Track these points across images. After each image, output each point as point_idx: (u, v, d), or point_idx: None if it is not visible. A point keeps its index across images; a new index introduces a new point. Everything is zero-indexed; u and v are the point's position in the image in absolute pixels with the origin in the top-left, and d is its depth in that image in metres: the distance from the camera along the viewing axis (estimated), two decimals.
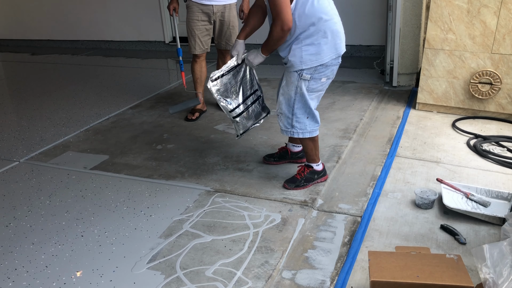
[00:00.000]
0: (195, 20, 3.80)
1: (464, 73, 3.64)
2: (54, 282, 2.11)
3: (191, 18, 3.81)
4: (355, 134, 3.48)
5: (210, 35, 3.89)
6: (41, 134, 3.86)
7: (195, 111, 3.99)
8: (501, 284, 1.54)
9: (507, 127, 3.51)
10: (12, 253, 2.33)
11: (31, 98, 4.89)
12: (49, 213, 2.67)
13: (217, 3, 3.76)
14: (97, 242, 2.39)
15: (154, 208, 2.67)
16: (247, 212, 2.57)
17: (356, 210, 2.54)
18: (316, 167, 2.76)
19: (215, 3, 3.75)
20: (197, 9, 3.77)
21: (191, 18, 3.82)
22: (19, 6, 7.45)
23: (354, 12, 5.44)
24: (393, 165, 3.00)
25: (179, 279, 2.08)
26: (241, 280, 2.05)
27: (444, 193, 2.55)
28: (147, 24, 6.73)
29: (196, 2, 3.74)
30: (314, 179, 2.77)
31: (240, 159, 3.21)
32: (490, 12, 3.45)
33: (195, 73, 4.00)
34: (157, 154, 3.36)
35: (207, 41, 3.90)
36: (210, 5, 3.74)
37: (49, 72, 6.00)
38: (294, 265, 2.14)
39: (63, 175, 3.12)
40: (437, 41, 3.66)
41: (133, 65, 6.12)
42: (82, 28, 7.17)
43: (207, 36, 3.87)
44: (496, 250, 1.65)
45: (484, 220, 2.36)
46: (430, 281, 1.67)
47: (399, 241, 2.26)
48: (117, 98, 4.70)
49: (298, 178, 2.75)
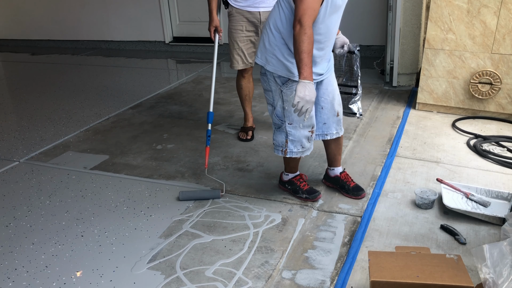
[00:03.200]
0: (238, 30, 3.25)
1: (464, 73, 3.64)
2: (54, 282, 2.11)
3: (234, 28, 3.26)
4: (355, 134, 3.48)
5: (256, 48, 3.25)
6: (41, 134, 3.86)
7: (249, 129, 3.53)
8: (501, 284, 1.54)
9: (507, 127, 3.51)
10: (12, 253, 2.33)
11: (31, 98, 4.89)
12: (49, 213, 2.67)
13: (265, 9, 3.17)
14: (97, 242, 2.39)
15: (154, 208, 2.67)
16: (247, 212, 2.57)
17: (356, 210, 2.54)
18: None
19: (263, 9, 3.17)
20: (241, 17, 3.21)
21: (233, 28, 3.26)
22: (19, 6, 7.44)
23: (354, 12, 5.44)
24: (393, 165, 3.00)
25: (179, 279, 2.08)
26: (241, 280, 2.05)
27: (444, 193, 2.54)
28: (147, 24, 6.73)
29: (239, 9, 3.19)
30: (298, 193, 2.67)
31: (240, 159, 3.21)
32: (490, 12, 3.45)
33: (242, 90, 3.48)
34: (157, 154, 3.36)
35: (252, 55, 3.30)
36: (256, 12, 3.18)
37: (49, 72, 5.99)
38: (294, 265, 2.14)
39: (63, 175, 3.12)
40: (437, 41, 3.66)
41: (133, 65, 6.12)
42: (82, 28, 7.17)
43: (252, 49, 3.30)
44: (496, 250, 1.64)
45: (484, 220, 2.36)
46: (430, 281, 1.67)
47: (399, 241, 2.26)
48: (117, 98, 4.70)
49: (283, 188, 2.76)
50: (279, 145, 2.52)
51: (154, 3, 6.53)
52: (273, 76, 2.39)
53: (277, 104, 2.44)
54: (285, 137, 2.47)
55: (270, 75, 2.40)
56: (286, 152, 2.50)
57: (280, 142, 2.51)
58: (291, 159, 2.63)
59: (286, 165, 2.70)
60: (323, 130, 2.58)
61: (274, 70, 2.36)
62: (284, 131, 2.47)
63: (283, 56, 2.32)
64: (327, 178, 2.79)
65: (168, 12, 6.60)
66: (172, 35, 6.79)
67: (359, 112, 2.73)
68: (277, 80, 2.38)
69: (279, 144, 2.52)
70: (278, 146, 2.53)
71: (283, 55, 2.31)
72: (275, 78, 2.38)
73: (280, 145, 2.52)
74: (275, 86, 2.41)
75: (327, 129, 2.58)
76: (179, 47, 6.73)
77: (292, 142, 2.47)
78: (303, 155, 2.52)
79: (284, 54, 2.31)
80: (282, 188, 2.76)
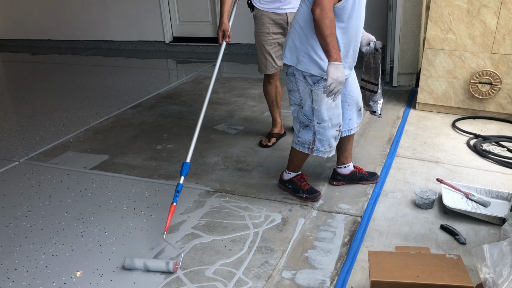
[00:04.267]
0: (265, 33, 3.12)
1: (464, 73, 3.64)
2: (54, 282, 2.11)
3: (261, 31, 3.14)
4: (355, 134, 3.48)
5: None
6: (41, 134, 3.86)
7: (272, 136, 3.41)
8: (501, 284, 1.54)
9: (507, 127, 3.51)
10: (12, 253, 2.33)
11: (31, 98, 4.89)
12: (49, 213, 2.67)
13: (292, 10, 3.04)
14: (97, 242, 2.39)
15: (154, 208, 2.67)
16: (247, 212, 2.57)
17: (356, 210, 2.54)
18: None
19: (290, 10, 3.05)
20: (268, 20, 3.09)
21: (260, 31, 3.14)
22: (19, 6, 7.44)
23: None
24: (393, 165, 3.00)
25: (179, 279, 2.08)
26: (241, 280, 2.05)
27: (444, 193, 2.54)
28: (147, 24, 6.73)
29: (266, 11, 3.08)
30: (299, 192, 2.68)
31: (240, 159, 3.21)
32: (490, 12, 3.45)
33: (269, 96, 3.37)
34: (157, 154, 3.36)
35: (280, 57, 3.12)
36: (283, 14, 3.06)
37: (49, 72, 5.99)
38: (294, 265, 2.14)
39: (63, 175, 3.12)
40: (437, 41, 3.66)
41: (133, 65, 6.12)
42: (82, 28, 7.17)
43: (280, 52, 3.16)
44: (496, 250, 1.65)
45: (484, 220, 2.36)
46: (430, 281, 1.67)
47: (399, 241, 2.26)
48: (117, 98, 4.70)
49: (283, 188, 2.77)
50: (305, 143, 2.53)
51: (154, 3, 6.53)
52: (303, 76, 2.38)
53: (305, 104, 2.44)
54: (313, 135, 2.49)
55: (299, 75, 2.39)
56: (312, 150, 2.52)
57: (307, 140, 2.52)
58: (298, 158, 2.64)
59: (290, 163, 2.70)
60: (349, 125, 2.64)
61: (306, 69, 2.35)
62: (312, 130, 2.48)
63: (316, 54, 2.30)
64: (343, 177, 2.79)
65: (168, 12, 6.60)
66: (172, 35, 6.79)
67: (379, 110, 2.76)
68: (308, 80, 2.37)
69: (306, 142, 2.53)
70: (305, 144, 2.54)
71: (316, 53, 2.30)
72: (306, 77, 2.37)
73: (307, 143, 2.52)
74: (304, 85, 2.40)
75: (352, 124, 2.65)
76: (179, 47, 6.73)
77: (320, 141, 2.48)
78: (330, 155, 2.53)
79: (318, 52, 2.30)
80: (282, 188, 2.76)
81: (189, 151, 2.64)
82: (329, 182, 2.82)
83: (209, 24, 6.53)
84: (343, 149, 2.75)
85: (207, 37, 6.53)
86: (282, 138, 3.44)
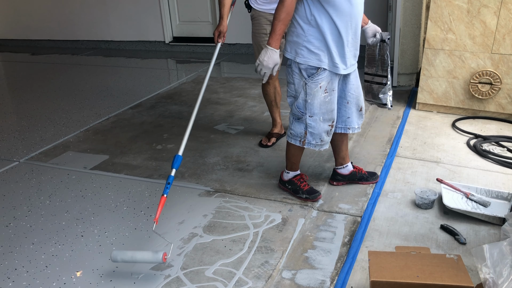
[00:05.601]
0: (262, 34, 3.10)
1: (464, 73, 3.64)
2: (54, 282, 2.11)
3: (258, 31, 3.13)
4: (355, 134, 3.48)
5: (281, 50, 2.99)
6: (41, 134, 3.86)
7: (272, 136, 3.41)
8: (501, 284, 1.54)
9: (507, 127, 3.51)
10: (12, 253, 2.33)
11: (31, 98, 4.89)
12: (49, 213, 2.67)
13: None
14: (97, 242, 2.39)
15: (154, 208, 2.66)
16: (247, 212, 2.57)
17: (356, 210, 2.54)
18: None
19: None
20: (265, 21, 3.08)
21: (257, 32, 3.13)
22: (19, 6, 7.45)
23: None
24: (393, 165, 3.00)
25: (179, 279, 2.08)
26: (241, 280, 2.05)
27: (444, 193, 2.54)
28: (147, 24, 6.73)
29: (263, 12, 3.07)
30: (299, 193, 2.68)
31: (240, 159, 3.21)
32: (490, 12, 3.45)
33: (268, 96, 3.36)
34: (157, 154, 3.36)
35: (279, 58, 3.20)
36: None
37: (49, 72, 6.00)
38: (294, 265, 2.14)
39: (63, 175, 3.12)
40: (437, 41, 3.66)
41: (133, 65, 6.12)
42: (82, 28, 7.17)
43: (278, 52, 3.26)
44: (496, 250, 1.64)
45: (484, 220, 2.36)
46: (430, 281, 1.67)
47: (399, 241, 2.26)
48: (117, 98, 4.70)
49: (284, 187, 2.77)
50: (297, 135, 2.54)
51: (154, 3, 6.53)
52: (299, 69, 2.41)
53: (299, 96, 2.46)
54: (304, 128, 2.50)
55: (296, 67, 2.42)
56: (304, 143, 2.53)
57: (298, 133, 2.53)
58: (292, 154, 2.65)
59: (287, 160, 2.71)
60: (347, 124, 2.64)
61: (304, 61, 2.38)
62: (304, 123, 2.49)
63: (314, 45, 2.35)
64: (343, 177, 2.79)
65: (168, 12, 6.60)
66: (172, 35, 6.80)
67: (390, 103, 2.75)
68: (303, 73, 2.40)
69: (297, 135, 2.54)
70: (296, 136, 2.55)
71: (314, 45, 2.35)
72: (301, 70, 2.40)
73: (299, 136, 2.54)
74: (299, 79, 2.43)
75: (350, 123, 2.64)
76: (179, 47, 6.73)
77: (311, 134, 2.50)
78: (322, 148, 2.54)
79: (315, 43, 2.35)
80: (282, 188, 2.76)
81: (182, 144, 2.64)
82: (329, 182, 2.82)
83: (209, 24, 6.53)
84: (338, 150, 2.76)
85: (207, 37, 6.53)
86: (282, 138, 3.44)
